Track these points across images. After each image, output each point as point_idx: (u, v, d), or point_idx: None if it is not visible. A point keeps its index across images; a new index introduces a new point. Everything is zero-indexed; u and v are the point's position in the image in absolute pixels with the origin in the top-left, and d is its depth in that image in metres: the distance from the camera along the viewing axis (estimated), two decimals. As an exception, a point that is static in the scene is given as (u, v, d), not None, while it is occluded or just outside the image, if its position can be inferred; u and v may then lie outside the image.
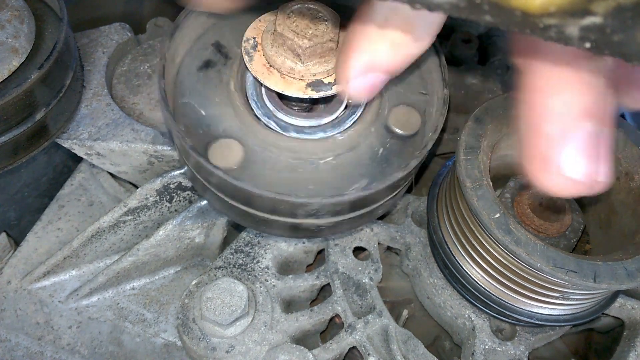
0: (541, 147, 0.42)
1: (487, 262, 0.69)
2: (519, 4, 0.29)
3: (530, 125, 0.43)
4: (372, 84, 0.50)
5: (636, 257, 0.63)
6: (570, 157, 0.41)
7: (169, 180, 0.80)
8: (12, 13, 0.74)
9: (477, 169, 0.65)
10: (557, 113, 0.41)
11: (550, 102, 0.41)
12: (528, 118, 0.43)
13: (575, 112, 0.41)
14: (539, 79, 0.42)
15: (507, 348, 0.75)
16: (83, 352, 0.78)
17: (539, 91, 0.42)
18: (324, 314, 0.76)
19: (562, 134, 0.41)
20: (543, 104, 0.42)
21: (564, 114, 0.41)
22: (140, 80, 0.91)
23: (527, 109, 0.43)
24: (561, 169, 0.42)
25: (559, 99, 0.41)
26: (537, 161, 0.42)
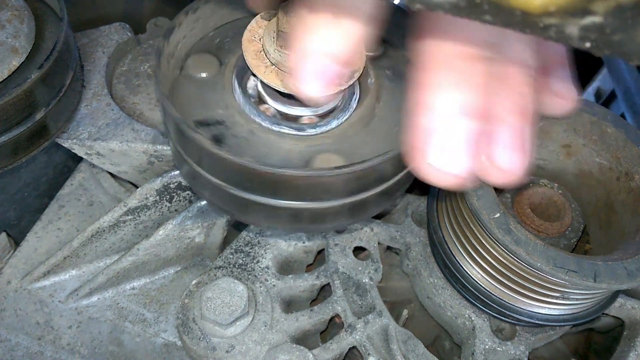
0: (415, 138, 0.46)
1: (487, 262, 0.69)
2: (519, 3, 0.29)
3: (411, 117, 0.46)
4: (460, 138, 0.47)
5: (636, 257, 0.63)
6: (437, 150, 0.45)
7: (169, 180, 0.80)
8: (12, 13, 0.74)
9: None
10: (434, 108, 0.45)
11: (430, 97, 0.45)
12: (411, 111, 0.46)
13: (449, 108, 0.45)
14: (426, 75, 0.46)
15: (507, 348, 0.75)
16: (83, 352, 0.78)
17: (424, 87, 0.46)
18: (324, 314, 0.76)
19: (433, 128, 0.45)
20: (425, 99, 0.45)
21: (441, 109, 0.45)
22: (140, 80, 0.91)
23: (412, 103, 0.47)
24: (429, 160, 0.46)
25: (439, 96, 0.45)
26: (411, 150, 0.47)
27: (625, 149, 0.72)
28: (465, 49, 0.44)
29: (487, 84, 0.46)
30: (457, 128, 0.45)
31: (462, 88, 0.44)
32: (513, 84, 0.48)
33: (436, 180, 0.47)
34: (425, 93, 0.45)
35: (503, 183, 0.49)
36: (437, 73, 0.45)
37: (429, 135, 0.45)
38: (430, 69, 0.45)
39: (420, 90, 0.46)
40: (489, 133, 0.47)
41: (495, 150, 0.47)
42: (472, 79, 0.45)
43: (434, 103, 0.45)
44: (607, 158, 0.74)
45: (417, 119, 0.46)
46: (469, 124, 0.45)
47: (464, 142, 0.45)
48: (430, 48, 0.46)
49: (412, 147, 0.47)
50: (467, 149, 0.45)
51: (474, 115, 0.45)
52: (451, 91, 0.44)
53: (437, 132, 0.45)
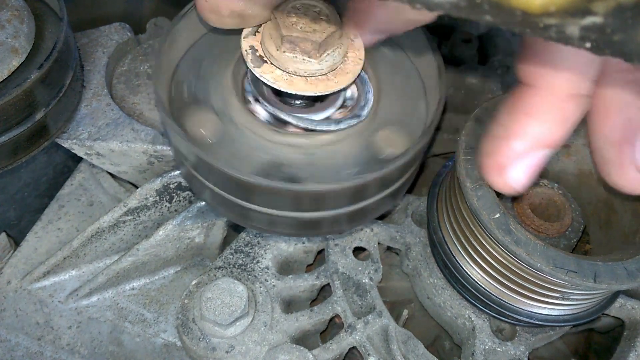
0: (502, 156, 0.50)
1: (487, 262, 0.69)
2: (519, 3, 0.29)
3: (503, 134, 0.50)
4: (536, 165, 0.51)
5: (636, 257, 0.63)
6: (518, 173, 0.50)
7: (169, 180, 0.80)
8: (12, 13, 0.74)
9: (477, 169, 0.65)
10: (527, 136, 0.49)
11: (526, 126, 0.48)
12: (505, 127, 0.50)
13: (542, 139, 0.49)
14: (526, 103, 0.49)
15: (507, 348, 0.74)
16: (83, 352, 0.78)
17: (522, 113, 0.49)
18: (324, 314, 0.76)
19: (521, 153, 0.49)
20: (521, 125, 0.49)
21: (532, 139, 0.49)
22: (140, 80, 0.91)
23: (508, 120, 0.50)
24: (508, 179, 0.51)
25: (535, 127, 0.48)
26: (494, 163, 0.51)
27: (626, 149, 0.72)
28: (570, 86, 0.47)
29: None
30: (539, 157, 0.49)
31: (555, 122, 0.48)
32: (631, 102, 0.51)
33: (502, 190, 0.52)
34: (524, 120, 0.48)
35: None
36: (538, 101, 0.48)
37: (516, 159, 0.49)
38: (533, 93, 0.48)
39: (521, 113, 0.49)
40: (631, 141, 0.50)
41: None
42: (567, 115, 0.48)
43: (530, 131, 0.48)
44: (607, 158, 0.73)
45: (510, 140, 0.49)
46: (547, 153, 0.49)
47: (538, 168, 0.50)
48: (537, 77, 0.48)
49: (496, 162, 0.50)
50: (537, 172, 0.50)
51: (554, 147, 0.49)
52: (544, 124, 0.48)
53: (524, 157, 0.49)
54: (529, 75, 0.48)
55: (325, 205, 0.62)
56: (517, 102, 0.49)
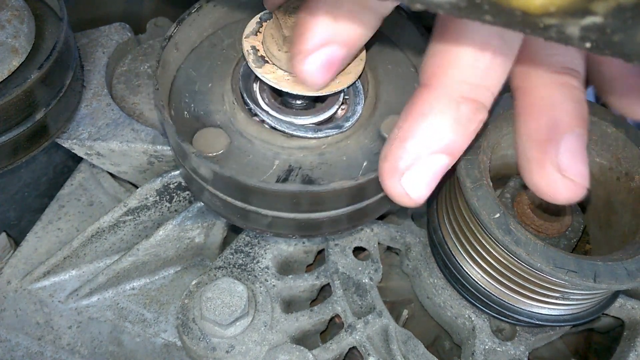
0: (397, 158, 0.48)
1: (487, 262, 0.69)
2: (519, 3, 0.29)
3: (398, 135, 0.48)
4: (330, 59, 0.50)
5: (636, 257, 0.63)
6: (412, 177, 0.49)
7: (169, 180, 0.80)
8: (12, 13, 0.74)
9: (477, 169, 0.65)
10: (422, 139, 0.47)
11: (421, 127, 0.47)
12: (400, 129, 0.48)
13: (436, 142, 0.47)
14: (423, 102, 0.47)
15: (507, 348, 0.75)
16: (83, 352, 0.78)
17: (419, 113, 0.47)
18: (324, 314, 0.76)
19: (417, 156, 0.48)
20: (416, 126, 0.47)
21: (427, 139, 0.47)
22: (140, 80, 0.91)
23: (403, 121, 0.48)
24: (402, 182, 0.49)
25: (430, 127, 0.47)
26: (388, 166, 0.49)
27: (625, 149, 0.72)
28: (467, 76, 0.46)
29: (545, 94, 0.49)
30: (434, 162, 0.48)
31: (448, 124, 0.46)
32: (571, 90, 0.49)
33: (397, 198, 0.50)
34: (418, 118, 0.47)
35: (570, 198, 0.49)
36: (431, 101, 0.46)
37: (411, 163, 0.48)
38: (427, 93, 0.47)
39: (415, 112, 0.47)
40: (555, 141, 0.47)
41: (567, 160, 0.48)
42: (460, 118, 0.46)
43: (422, 132, 0.47)
44: (607, 158, 0.74)
45: (405, 142, 0.48)
46: (447, 162, 0.48)
47: (435, 177, 0.48)
48: (436, 64, 0.47)
49: (390, 165, 0.49)
50: (434, 182, 0.49)
51: (453, 155, 0.48)
52: (441, 125, 0.46)
53: (420, 162, 0.47)
54: (425, 74, 0.47)
55: (325, 207, 0.62)
56: (412, 103, 0.48)
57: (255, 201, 0.62)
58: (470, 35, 0.44)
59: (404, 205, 0.50)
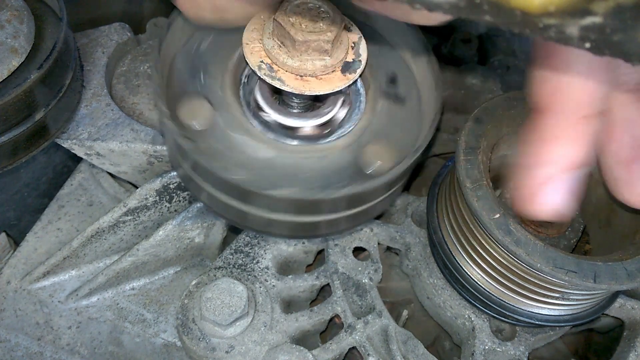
0: (531, 185, 0.50)
1: (487, 263, 0.69)
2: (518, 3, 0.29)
3: (528, 163, 0.50)
4: (568, 189, 0.50)
5: (636, 257, 0.63)
6: (550, 196, 0.49)
7: (169, 180, 0.80)
8: (11, 13, 0.74)
9: (477, 169, 0.65)
10: (553, 162, 0.48)
11: (550, 151, 0.48)
12: (528, 157, 0.50)
13: (566, 163, 0.48)
14: (547, 128, 0.49)
15: (507, 348, 0.74)
16: (83, 352, 0.78)
17: (543, 139, 0.49)
18: (324, 314, 0.76)
19: (550, 178, 0.49)
20: (544, 151, 0.49)
21: (558, 163, 0.48)
22: (140, 80, 0.91)
23: (530, 149, 0.50)
24: (540, 204, 0.49)
25: (558, 151, 0.48)
26: (524, 194, 0.50)
27: (625, 149, 0.72)
28: (583, 94, 0.47)
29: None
30: (569, 179, 0.49)
31: (577, 144, 0.48)
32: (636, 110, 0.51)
33: (538, 216, 0.51)
34: (544, 145, 0.49)
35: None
36: (556, 126, 0.48)
37: (545, 184, 0.49)
38: (549, 118, 0.48)
39: (539, 140, 0.49)
40: (638, 158, 0.51)
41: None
42: (585, 135, 0.48)
43: (552, 157, 0.48)
44: (607, 158, 0.73)
45: (536, 168, 0.49)
46: (577, 175, 0.49)
47: (570, 190, 0.49)
48: (551, 87, 0.48)
49: (526, 193, 0.50)
50: (573, 194, 0.50)
51: (580, 167, 0.49)
52: (564, 147, 0.48)
53: (554, 183, 0.49)
54: (542, 99, 0.49)
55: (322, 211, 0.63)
56: (535, 130, 0.49)
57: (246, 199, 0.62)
58: (575, 63, 0.46)
59: (544, 217, 0.51)
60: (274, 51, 0.61)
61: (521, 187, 0.50)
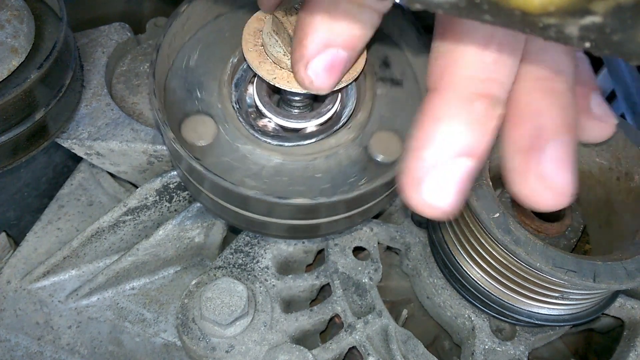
0: (414, 169, 0.45)
1: (487, 262, 0.69)
2: (518, 3, 0.29)
3: (413, 145, 0.45)
4: (333, 62, 0.50)
5: (636, 257, 0.63)
6: (433, 187, 0.44)
7: (169, 180, 0.80)
8: (11, 13, 0.74)
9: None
10: (437, 143, 0.44)
11: (436, 131, 0.44)
12: (414, 138, 0.45)
13: (454, 146, 0.44)
14: (434, 107, 0.45)
15: (507, 348, 0.75)
16: (83, 352, 0.78)
17: (431, 117, 0.45)
18: (324, 314, 0.76)
19: (433, 164, 0.44)
20: (430, 131, 0.44)
21: (444, 145, 0.44)
22: (140, 80, 0.91)
23: (416, 130, 0.45)
24: (423, 193, 0.45)
25: (445, 130, 0.44)
26: (408, 179, 0.45)
27: (625, 149, 0.72)
28: (475, 71, 0.44)
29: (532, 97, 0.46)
30: (456, 167, 0.44)
31: (464, 125, 0.44)
32: (558, 96, 0.47)
33: (422, 211, 0.46)
34: (431, 124, 0.45)
35: (554, 205, 0.47)
36: (442, 104, 0.44)
37: (428, 171, 0.44)
38: (437, 96, 0.45)
39: (427, 119, 0.45)
40: (538, 149, 0.46)
41: (550, 169, 0.46)
42: (476, 117, 0.44)
43: (437, 138, 0.44)
44: (607, 158, 0.74)
45: (420, 150, 0.45)
46: (469, 164, 0.44)
47: (459, 182, 0.45)
48: (441, 66, 0.45)
49: (409, 177, 0.46)
50: (460, 187, 0.45)
51: (475, 156, 0.45)
52: (457, 128, 0.44)
53: (436, 169, 0.44)
54: (431, 78, 0.46)
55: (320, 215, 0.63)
56: (423, 110, 0.45)
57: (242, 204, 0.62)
58: (472, 32, 0.43)
59: (433, 217, 0.47)
60: (274, 49, 0.61)
61: (405, 172, 0.45)
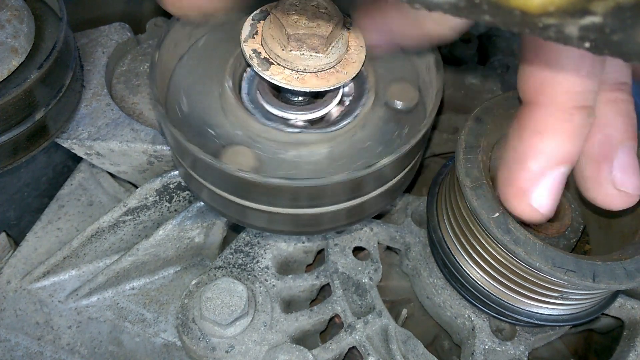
0: (521, 179, 0.49)
1: (487, 262, 0.69)
2: (518, 3, 0.29)
3: (517, 157, 0.49)
4: (557, 184, 0.49)
5: (635, 257, 0.63)
6: (542, 194, 0.49)
7: (169, 180, 0.80)
8: (11, 13, 0.74)
9: (476, 168, 0.65)
10: (543, 154, 0.48)
11: (540, 144, 0.48)
12: (517, 150, 0.49)
13: (557, 156, 0.48)
14: (534, 117, 0.48)
15: (507, 348, 0.75)
16: (83, 352, 0.78)
17: (532, 131, 0.48)
18: (324, 314, 0.76)
19: (541, 173, 0.48)
20: (533, 144, 0.48)
21: (549, 156, 0.48)
22: (140, 80, 0.91)
23: (518, 142, 0.49)
24: (531, 201, 0.49)
25: (548, 144, 0.47)
26: (514, 189, 0.49)
27: (625, 149, 0.72)
28: (572, 85, 0.47)
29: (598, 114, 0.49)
30: (559, 175, 0.48)
31: (566, 137, 0.47)
32: (620, 105, 0.51)
33: (529, 217, 0.50)
34: (534, 137, 0.48)
35: (625, 206, 0.52)
36: (545, 118, 0.47)
37: (537, 180, 0.48)
38: (538, 110, 0.48)
39: (529, 132, 0.48)
40: (609, 158, 0.50)
41: (620, 176, 0.50)
42: (576, 128, 0.47)
43: (542, 149, 0.47)
44: (607, 158, 0.73)
45: (526, 162, 0.48)
46: (566, 170, 0.48)
47: (560, 187, 0.49)
48: (538, 80, 0.47)
49: (516, 187, 0.49)
50: (560, 192, 0.49)
51: (571, 162, 0.48)
52: (556, 140, 0.47)
53: (545, 178, 0.48)
54: (529, 92, 0.48)
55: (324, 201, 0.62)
56: (524, 122, 0.48)
57: (257, 197, 0.62)
58: (564, 61, 0.46)
59: (534, 221, 0.51)
60: (273, 47, 0.61)
61: (510, 183, 0.49)
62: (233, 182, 0.60)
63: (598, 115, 0.50)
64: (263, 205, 0.63)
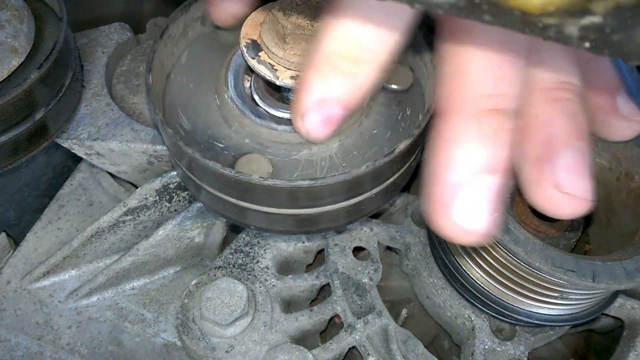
0: (440, 193, 0.44)
1: (487, 262, 0.69)
2: (518, 3, 0.29)
3: (433, 170, 0.45)
4: (328, 117, 0.51)
5: (635, 257, 0.63)
6: (462, 207, 0.44)
7: (169, 180, 0.80)
8: (11, 13, 0.74)
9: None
10: (459, 164, 0.44)
11: (454, 153, 0.44)
12: (433, 165, 0.45)
13: (474, 164, 0.44)
14: (446, 129, 0.45)
15: (507, 348, 0.75)
16: (83, 352, 0.78)
17: (447, 140, 0.45)
18: (324, 314, 0.76)
19: (459, 184, 0.44)
20: (448, 154, 0.44)
21: (462, 164, 0.44)
22: (140, 80, 0.91)
23: (434, 155, 0.45)
24: (454, 217, 0.44)
25: (463, 151, 0.44)
26: (434, 206, 0.45)
27: (625, 149, 0.72)
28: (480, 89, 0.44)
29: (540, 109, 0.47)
30: (481, 184, 0.44)
31: (477, 143, 0.44)
32: (565, 104, 0.48)
33: (457, 237, 0.45)
34: (447, 148, 0.44)
35: (574, 213, 0.48)
36: (453, 125, 0.44)
37: (455, 192, 0.44)
38: (448, 119, 0.45)
39: (443, 143, 0.45)
40: (551, 159, 0.46)
41: (564, 177, 0.46)
42: (488, 132, 0.44)
43: (456, 159, 0.44)
44: (607, 158, 0.73)
45: (441, 174, 0.44)
46: (493, 181, 0.44)
47: (488, 199, 0.44)
48: (447, 88, 0.45)
49: (436, 202, 0.45)
50: (491, 206, 0.44)
51: (496, 171, 0.44)
52: (474, 146, 0.44)
53: (462, 188, 0.44)
54: (440, 102, 0.46)
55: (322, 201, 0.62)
56: (437, 134, 0.45)
57: (257, 198, 0.62)
58: (472, 66, 0.44)
59: (471, 244, 0.46)
60: (274, 49, 0.61)
61: (432, 199, 0.45)
62: (258, 191, 0.60)
63: (538, 116, 0.47)
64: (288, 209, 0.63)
